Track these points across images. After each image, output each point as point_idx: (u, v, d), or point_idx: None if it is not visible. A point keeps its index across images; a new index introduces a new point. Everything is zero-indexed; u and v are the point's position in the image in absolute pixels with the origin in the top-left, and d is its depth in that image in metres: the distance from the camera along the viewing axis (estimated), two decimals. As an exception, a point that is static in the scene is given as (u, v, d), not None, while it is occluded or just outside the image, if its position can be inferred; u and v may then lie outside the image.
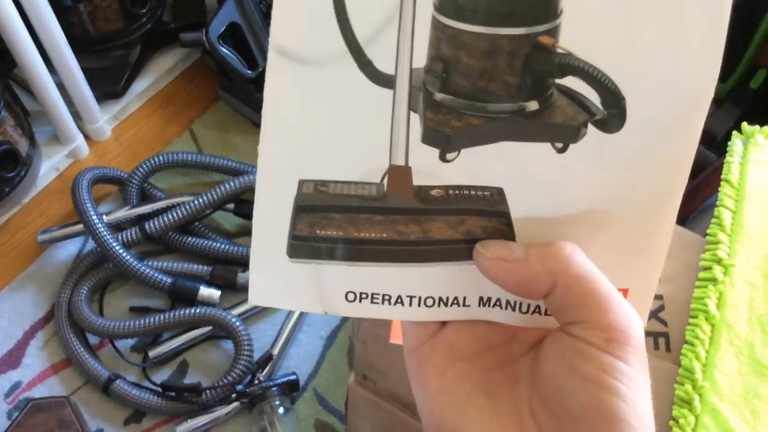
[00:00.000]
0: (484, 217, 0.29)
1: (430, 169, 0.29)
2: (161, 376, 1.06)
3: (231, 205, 1.15)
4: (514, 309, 0.32)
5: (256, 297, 0.32)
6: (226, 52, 1.15)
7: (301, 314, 1.10)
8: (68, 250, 1.15)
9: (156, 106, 1.25)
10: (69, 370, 1.06)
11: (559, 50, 0.27)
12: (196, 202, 1.10)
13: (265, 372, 1.05)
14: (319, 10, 0.27)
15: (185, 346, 1.07)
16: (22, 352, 1.07)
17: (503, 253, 0.30)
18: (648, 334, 0.68)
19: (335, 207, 0.29)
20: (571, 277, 0.29)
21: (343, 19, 0.27)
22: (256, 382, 1.03)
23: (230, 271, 1.10)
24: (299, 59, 0.27)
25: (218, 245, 1.11)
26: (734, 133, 0.80)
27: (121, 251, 1.05)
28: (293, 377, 1.04)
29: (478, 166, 0.29)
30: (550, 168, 0.29)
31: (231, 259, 1.11)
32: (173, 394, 1.02)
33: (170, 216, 1.10)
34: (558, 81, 0.28)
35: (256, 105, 1.24)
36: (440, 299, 0.31)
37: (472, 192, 0.29)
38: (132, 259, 1.06)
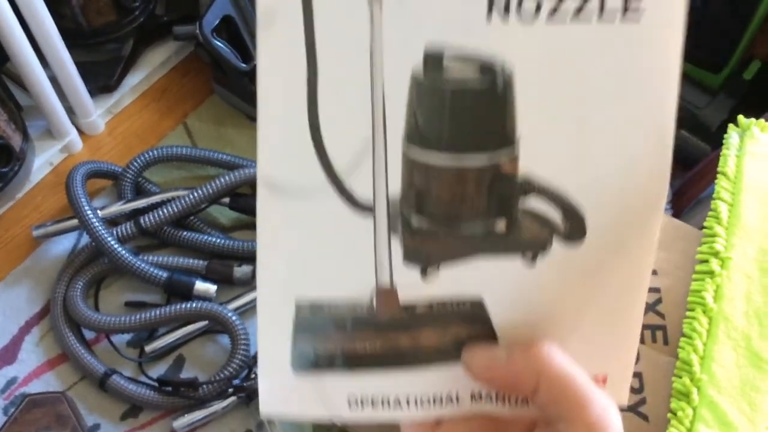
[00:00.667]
0: (467, 324, 0.32)
1: (413, 283, 0.31)
2: (158, 370, 1.06)
3: (226, 200, 1.14)
4: (504, 402, 0.35)
5: (266, 406, 0.34)
6: (220, 45, 1.15)
7: (298, 308, 1.10)
8: (63, 245, 1.14)
9: (149, 100, 1.25)
10: (65, 366, 1.05)
11: (519, 175, 0.30)
12: (191, 197, 1.10)
13: (261, 366, 1.04)
14: (299, 144, 0.29)
15: (182, 340, 1.07)
16: (18, 347, 1.06)
17: (488, 360, 0.33)
18: (645, 327, 0.68)
19: (331, 326, 0.32)
20: (551, 376, 0.32)
21: (322, 152, 0.29)
22: (253, 376, 1.03)
23: (226, 266, 1.10)
24: (286, 193, 0.30)
25: (214, 239, 1.11)
26: (730, 125, 0.80)
27: (116, 246, 1.05)
28: (290, 371, 1.04)
29: (457, 278, 0.32)
30: (522, 277, 0.32)
31: (227, 253, 1.11)
32: (170, 388, 1.02)
33: (165, 210, 1.10)
34: (522, 199, 0.31)
35: (251, 98, 1.23)
36: (434, 398, 0.34)
37: (454, 305, 0.32)
38: (127, 254, 1.06)
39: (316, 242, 0.31)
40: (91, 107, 1.18)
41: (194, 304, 1.05)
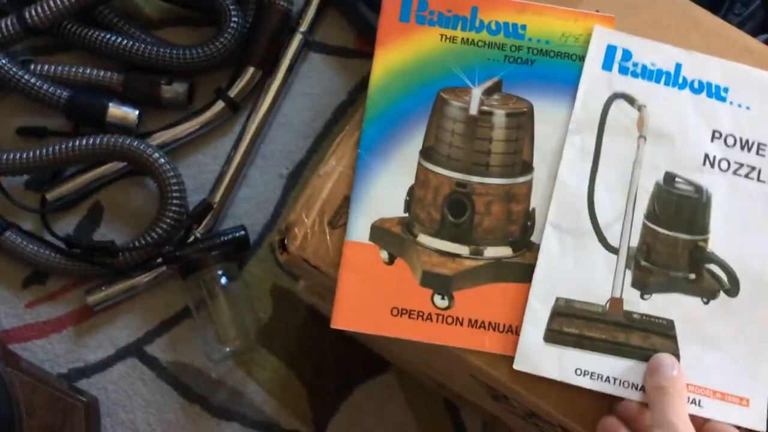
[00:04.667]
0: (661, 335, 0.43)
1: (634, 301, 0.44)
2: (68, 223, 0.80)
3: (149, -18, 0.80)
4: None
5: (521, 363, 0.42)
6: None
7: (254, 143, 0.80)
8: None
9: None
10: (-55, 216, 0.79)
11: (708, 250, 0.44)
12: (97, -23, 0.76)
13: (202, 226, 0.78)
14: (580, 207, 0.43)
15: (97, 184, 0.80)
16: None
17: (664, 369, 0.43)
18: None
19: (577, 316, 0.43)
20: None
21: (593, 214, 0.43)
22: (190, 240, 0.77)
23: (151, 82, 0.80)
24: (565, 231, 0.43)
25: (132, 43, 0.79)
26: None
27: (-10, 55, 0.74)
28: (241, 233, 0.78)
29: (660, 304, 0.44)
30: (699, 311, 0.44)
31: (152, 63, 0.79)
32: (79, 252, 0.76)
33: (62, -2, 0.76)
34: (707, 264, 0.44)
35: None
36: (629, 383, 0.43)
37: (656, 320, 0.43)
38: (8, 64, 0.76)
39: (577, 262, 0.43)
40: None
41: (105, 139, 0.76)
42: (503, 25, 0.40)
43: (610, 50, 0.42)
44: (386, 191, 0.40)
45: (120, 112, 0.79)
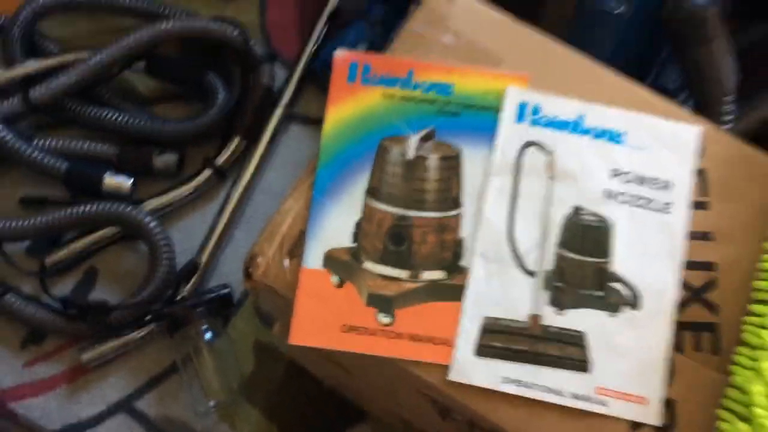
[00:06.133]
0: (575, 346, 0.48)
1: (552, 316, 0.49)
2: (65, 286, 0.85)
3: (142, 63, 0.88)
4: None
5: (454, 375, 0.48)
6: None
7: (239, 207, 0.86)
8: (-55, 121, 0.90)
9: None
10: (-51, 280, 0.85)
11: (610, 270, 0.50)
12: (96, 60, 0.85)
13: (189, 285, 0.83)
14: (501, 239, 0.49)
15: (92, 249, 0.86)
16: None
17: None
18: (686, 326, 0.45)
19: (502, 331, 0.49)
20: None
21: (513, 244, 0.49)
22: (178, 299, 0.82)
23: (144, 153, 0.86)
24: (490, 260, 0.49)
25: (126, 118, 0.86)
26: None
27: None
28: (226, 291, 0.83)
29: (574, 317, 0.49)
30: (606, 323, 0.49)
31: (145, 135, 0.87)
32: (75, 312, 0.81)
33: (63, 78, 0.84)
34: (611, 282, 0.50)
35: None
36: (551, 389, 0.48)
37: (570, 332, 0.49)
38: (12, 138, 0.83)
39: (501, 285, 0.49)
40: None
41: (101, 206, 0.82)
42: (434, 85, 0.47)
43: (522, 106, 0.48)
44: (337, 225, 0.46)
45: (115, 181, 0.85)
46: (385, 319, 0.45)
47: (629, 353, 0.47)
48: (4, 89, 0.87)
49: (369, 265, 0.45)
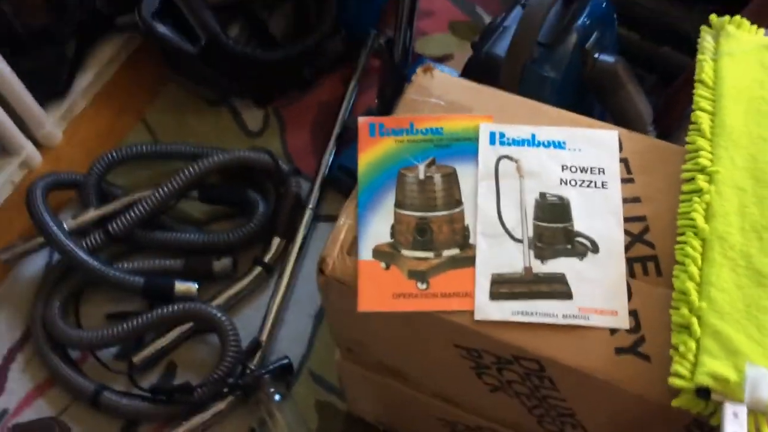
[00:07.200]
0: (559, 283, 0.63)
1: (539, 266, 0.64)
2: (150, 381, 1.02)
3: (195, 193, 1.09)
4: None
5: (478, 315, 0.62)
6: (164, 30, 1.09)
7: (286, 294, 1.05)
8: (36, 264, 1.10)
9: (104, 100, 1.19)
10: (54, 389, 1.01)
11: (575, 230, 0.65)
12: (157, 195, 1.05)
13: (255, 360, 1.00)
14: (495, 220, 0.65)
15: (170, 346, 1.03)
16: (4, 377, 1.02)
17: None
18: (635, 259, 0.62)
19: (507, 282, 0.63)
20: None
21: (503, 223, 0.64)
22: (248, 371, 0.98)
23: (204, 261, 1.05)
24: (487, 236, 0.64)
25: (187, 236, 1.06)
26: (703, 28, 0.73)
27: (85, 257, 1.00)
28: (285, 361, 1.00)
29: (555, 265, 0.64)
30: (577, 266, 0.63)
31: (203, 248, 1.06)
32: (163, 397, 0.97)
33: (132, 213, 1.04)
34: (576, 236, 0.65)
35: (206, 81, 1.17)
36: (549, 314, 0.62)
37: (554, 275, 0.63)
38: (98, 264, 1.01)
39: (499, 252, 0.64)
40: (43, 117, 1.12)
41: (176, 306, 1.00)
42: (429, 130, 0.67)
43: (492, 134, 0.67)
44: (378, 229, 0.64)
45: (184, 287, 1.03)
46: (422, 285, 0.62)
47: (598, 282, 0.62)
48: (84, 229, 1.07)
49: (405, 252, 0.63)
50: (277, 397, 0.96)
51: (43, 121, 1.13)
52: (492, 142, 0.68)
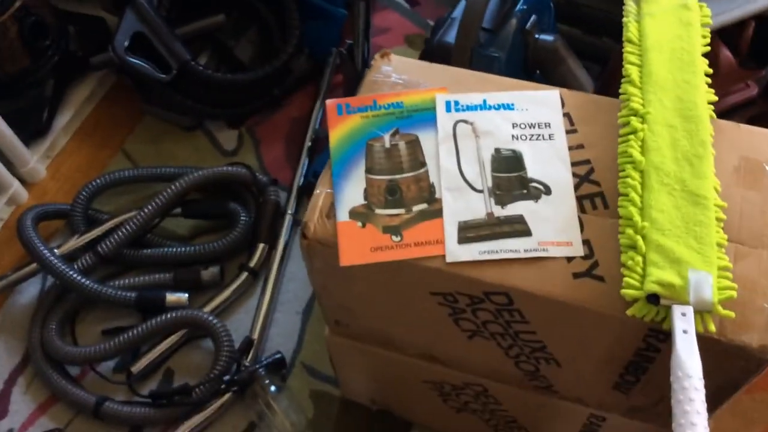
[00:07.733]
0: (519, 223, 0.70)
1: (499, 211, 0.70)
2: (149, 388, 1.06)
3: (179, 210, 1.15)
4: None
5: (449, 257, 0.68)
6: (136, 62, 1.15)
7: (273, 295, 1.10)
8: (30, 292, 1.14)
9: (84, 135, 1.25)
10: (57, 406, 1.05)
11: (528, 176, 0.72)
12: (142, 214, 1.10)
13: (249, 357, 1.04)
14: (456, 176, 0.71)
15: (166, 353, 1.07)
16: (7, 400, 1.06)
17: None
18: (584, 197, 0.69)
19: (472, 227, 0.69)
20: None
21: (464, 178, 0.71)
22: (242, 368, 1.03)
23: (193, 272, 1.10)
24: (452, 190, 0.71)
25: (174, 249, 1.12)
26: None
27: (78, 277, 1.05)
28: (278, 356, 1.04)
29: (513, 208, 0.70)
30: (534, 206, 0.70)
31: (190, 259, 1.12)
32: (164, 400, 1.02)
33: (119, 233, 1.10)
34: (530, 182, 0.72)
35: (180, 108, 1.24)
36: (509, 250, 0.69)
37: (514, 217, 0.70)
38: (92, 283, 1.06)
39: (464, 202, 0.70)
40: (27, 155, 1.18)
41: (169, 315, 1.05)
42: (391, 104, 0.74)
43: (448, 102, 0.74)
44: (352, 193, 0.70)
45: (174, 297, 1.08)
46: (396, 238, 0.68)
47: (553, 219, 0.68)
48: (74, 255, 1.12)
49: (379, 211, 0.69)
50: (272, 388, 1.01)
51: (27, 158, 1.19)
52: (448, 109, 0.75)
